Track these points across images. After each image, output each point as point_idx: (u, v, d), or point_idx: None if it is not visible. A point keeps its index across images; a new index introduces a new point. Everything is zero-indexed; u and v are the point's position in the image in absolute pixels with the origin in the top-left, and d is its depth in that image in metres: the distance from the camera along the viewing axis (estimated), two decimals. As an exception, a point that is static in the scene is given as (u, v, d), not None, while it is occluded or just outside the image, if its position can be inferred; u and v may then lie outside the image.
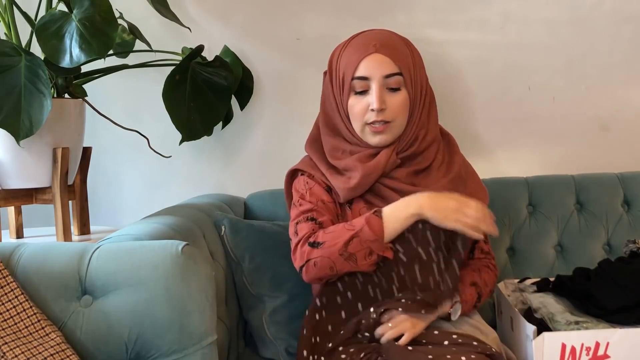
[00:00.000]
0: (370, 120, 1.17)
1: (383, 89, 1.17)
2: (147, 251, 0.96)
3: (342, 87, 1.20)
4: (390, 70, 1.16)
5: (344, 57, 1.21)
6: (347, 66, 1.19)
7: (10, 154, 1.27)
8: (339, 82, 1.21)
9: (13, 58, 1.19)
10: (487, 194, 1.26)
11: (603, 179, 1.63)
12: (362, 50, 1.18)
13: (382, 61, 1.17)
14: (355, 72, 1.17)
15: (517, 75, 1.70)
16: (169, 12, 1.49)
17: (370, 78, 1.17)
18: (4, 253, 0.97)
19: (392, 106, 1.17)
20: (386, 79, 1.16)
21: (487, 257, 1.30)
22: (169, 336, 0.93)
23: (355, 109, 1.19)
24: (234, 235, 1.37)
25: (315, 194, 1.22)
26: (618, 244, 1.56)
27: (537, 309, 1.27)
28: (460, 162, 1.26)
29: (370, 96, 1.16)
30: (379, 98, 1.15)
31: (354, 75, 1.17)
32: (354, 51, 1.19)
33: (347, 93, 1.19)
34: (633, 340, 1.13)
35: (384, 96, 1.16)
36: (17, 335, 0.87)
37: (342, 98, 1.21)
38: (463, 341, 1.08)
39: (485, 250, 1.30)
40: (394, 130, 1.19)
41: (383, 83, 1.17)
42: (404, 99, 1.18)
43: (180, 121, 1.46)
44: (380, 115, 1.16)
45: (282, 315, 1.35)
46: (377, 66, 1.16)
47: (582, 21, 1.69)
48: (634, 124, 1.73)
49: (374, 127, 1.17)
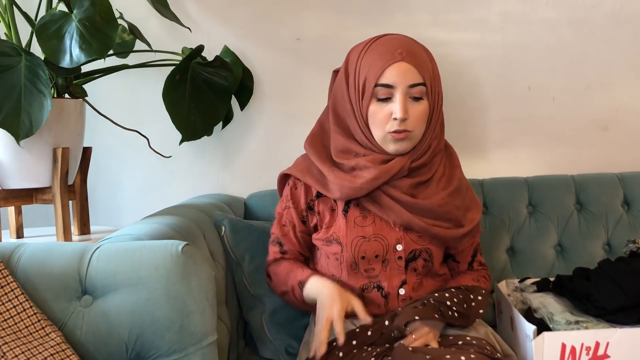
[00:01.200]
0: (392, 129, 1.15)
1: (407, 98, 1.14)
2: (147, 251, 0.96)
3: (362, 92, 1.17)
4: (415, 80, 1.14)
5: (365, 60, 1.17)
6: (370, 71, 1.16)
7: (10, 154, 1.27)
8: (358, 86, 1.18)
9: (13, 58, 1.19)
10: (480, 208, 1.28)
11: (603, 179, 1.63)
12: (387, 57, 1.14)
13: (408, 70, 1.14)
14: (379, 79, 1.14)
15: (517, 75, 1.70)
16: (169, 12, 1.49)
17: (395, 87, 1.14)
18: (4, 253, 0.97)
19: (414, 116, 1.15)
20: (410, 88, 1.14)
21: (483, 269, 1.32)
22: (169, 336, 0.93)
23: (377, 117, 1.16)
24: (234, 235, 1.37)
25: (290, 217, 1.27)
26: (618, 244, 1.56)
27: (537, 308, 1.27)
28: (460, 176, 1.26)
29: (395, 105, 1.14)
30: (403, 108, 1.13)
31: (378, 82, 1.14)
32: (379, 57, 1.16)
33: (369, 99, 1.16)
34: (633, 340, 1.13)
35: (407, 105, 1.14)
36: (17, 335, 0.87)
37: (361, 103, 1.18)
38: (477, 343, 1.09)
39: (482, 262, 1.33)
40: (413, 139, 1.18)
41: (407, 92, 1.14)
42: (425, 109, 1.17)
43: (180, 121, 1.45)
44: (403, 124, 1.14)
45: (282, 315, 1.35)
46: (403, 75, 1.14)
47: (582, 21, 1.69)
48: (634, 124, 1.73)
49: (396, 135, 1.16)
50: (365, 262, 1.18)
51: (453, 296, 1.16)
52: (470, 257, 1.30)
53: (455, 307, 1.14)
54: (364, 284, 1.20)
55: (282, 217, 1.28)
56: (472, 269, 1.30)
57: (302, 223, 1.27)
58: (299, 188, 1.26)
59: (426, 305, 1.12)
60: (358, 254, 1.18)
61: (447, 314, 1.12)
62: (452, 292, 1.18)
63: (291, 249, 1.28)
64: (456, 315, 1.13)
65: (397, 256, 1.19)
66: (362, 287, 1.20)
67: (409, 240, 1.19)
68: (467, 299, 1.18)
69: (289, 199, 1.28)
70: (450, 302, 1.14)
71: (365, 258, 1.18)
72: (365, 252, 1.18)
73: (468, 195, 1.26)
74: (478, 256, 1.31)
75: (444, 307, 1.13)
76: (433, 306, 1.12)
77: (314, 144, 1.27)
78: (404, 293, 1.19)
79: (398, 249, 1.18)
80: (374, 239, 1.18)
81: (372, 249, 1.18)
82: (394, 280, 1.19)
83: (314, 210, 1.25)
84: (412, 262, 1.19)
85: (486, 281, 1.29)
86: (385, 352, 1.08)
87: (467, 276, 1.27)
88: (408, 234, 1.19)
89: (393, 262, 1.19)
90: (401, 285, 1.19)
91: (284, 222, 1.28)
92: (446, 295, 1.16)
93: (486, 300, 1.22)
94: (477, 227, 1.25)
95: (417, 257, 1.19)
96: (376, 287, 1.19)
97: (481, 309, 1.19)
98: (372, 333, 1.13)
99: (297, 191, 1.26)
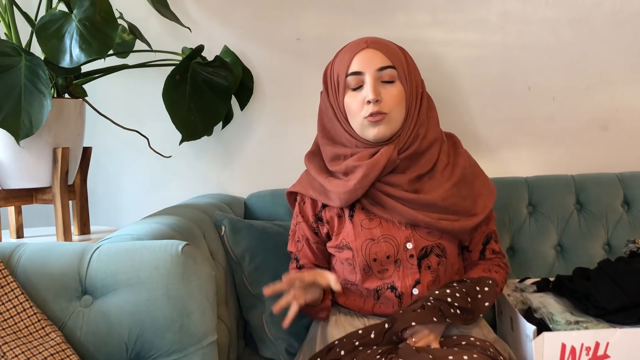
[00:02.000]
0: (367, 113, 1.17)
1: (377, 81, 1.17)
2: (147, 251, 0.96)
3: (337, 88, 1.21)
4: (382, 63, 1.18)
5: (336, 61, 1.23)
6: (341, 66, 1.20)
7: (10, 154, 1.27)
8: (334, 86, 1.22)
9: (13, 58, 1.19)
10: (494, 193, 1.26)
11: (603, 179, 1.63)
12: (353, 49, 1.20)
13: (375, 55, 1.18)
14: (348, 68, 1.19)
15: (517, 75, 1.70)
16: (169, 12, 1.49)
17: (364, 72, 1.18)
18: (4, 253, 0.97)
19: (387, 98, 1.17)
20: (379, 71, 1.17)
21: (497, 257, 1.30)
22: (169, 336, 0.93)
23: (352, 106, 1.19)
24: (234, 235, 1.37)
25: (302, 231, 1.29)
26: (618, 244, 1.56)
27: (537, 308, 1.27)
28: (464, 164, 1.25)
29: (365, 89, 1.17)
30: (374, 89, 1.16)
31: (348, 71, 1.19)
32: (346, 51, 1.22)
33: (343, 92, 1.20)
34: (633, 340, 1.13)
35: (378, 88, 1.17)
36: (17, 335, 0.87)
37: (337, 100, 1.21)
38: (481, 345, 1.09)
39: (497, 250, 1.30)
40: (392, 123, 1.18)
41: (377, 76, 1.17)
42: (399, 92, 1.18)
43: (180, 121, 1.45)
44: (377, 106, 1.16)
45: (282, 315, 1.35)
46: (370, 60, 1.18)
47: (582, 21, 1.69)
48: (634, 124, 1.73)
49: (371, 119, 1.17)
50: (377, 264, 1.18)
51: (455, 291, 1.15)
52: (481, 244, 1.28)
53: (457, 303, 1.13)
54: (378, 286, 1.19)
55: (295, 233, 1.32)
56: (485, 258, 1.28)
57: (314, 234, 1.28)
58: (306, 202, 1.29)
59: (425, 307, 1.11)
60: (369, 257, 1.18)
61: (449, 312, 1.12)
62: (454, 287, 1.16)
63: (306, 263, 1.30)
64: (458, 312, 1.12)
65: (409, 255, 1.18)
66: (376, 288, 1.19)
67: (418, 237, 1.19)
68: (471, 293, 1.16)
69: (298, 214, 1.31)
70: (452, 297, 1.13)
71: (377, 260, 1.18)
72: (375, 254, 1.18)
73: (477, 182, 1.25)
74: (492, 244, 1.29)
75: (444, 305, 1.12)
76: (432, 308, 1.11)
77: (312, 160, 1.30)
78: (417, 293, 1.18)
79: (409, 247, 1.18)
80: (382, 240, 1.18)
81: (382, 250, 1.18)
82: (408, 280, 1.18)
83: (322, 220, 1.27)
84: (425, 259, 1.19)
85: (500, 269, 1.26)
86: (390, 351, 1.08)
87: (477, 268, 1.25)
88: (416, 231, 1.19)
89: (405, 261, 1.18)
90: (415, 285, 1.18)
91: (298, 238, 1.31)
92: (447, 292, 1.15)
93: (494, 290, 1.20)
94: (490, 214, 1.25)
95: (429, 253, 1.18)
96: (389, 288, 1.19)
97: (487, 302, 1.18)
98: (375, 335, 1.13)
99: (304, 206, 1.29)
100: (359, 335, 1.13)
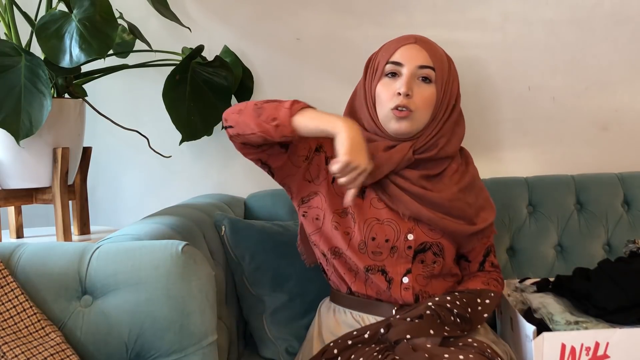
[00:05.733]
0: (395, 104, 1.17)
1: (413, 78, 1.18)
2: (147, 251, 0.96)
3: (374, 74, 1.22)
4: (424, 62, 1.18)
5: (382, 49, 1.24)
6: (384, 54, 1.21)
7: (10, 154, 1.27)
8: (373, 70, 1.23)
9: (13, 58, 1.19)
10: (494, 210, 1.27)
11: (603, 179, 1.63)
12: (401, 41, 1.21)
13: (419, 52, 1.19)
14: (391, 57, 1.19)
15: (517, 75, 1.70)
16: (169, 12, 1.49)
17: (404, 64, 1.18)
18: (4, 253, 0.97)
19: (417, 96, 1.17)
20: (419, 69, 1.18)
21: (495, 271, 1.31)
22: (169, 336, 0.93)
23: (382, 95, 1.19)
24: (234, 235, 1.37)
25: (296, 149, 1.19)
26: (618, 244, 1.56)
27: (537, 309, 1.27)
28: (474, 173, 1.27)
29: (399, 81, 1.18)
30: (407, 83, 1.16)
31: (389, 59, 1.19)
32: (393, 42, 1.23)
33: (378, 77, 1.20)
34: (633, 340, 1.13)
35: (412, 84, 1.17)
36: (17, 335, 0.87)
37: (371, 85, 1.22)
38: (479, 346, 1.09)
39: (495, 264, 1.32)
40: (415, 122, 1.18)
41: (415, 72, 1.18)
42: (431, 94, 1.18)
43: (180, 121, 1.46)
44: (405, 100, 1.16)
45: (282, 315, 1.35)
46: (413, 55, 1.18)
47: (582, 21, 1.69)
48: (634, 124, 1.73)
49: (397, 112, 1.17)
50: (374, 244, 1.18)
51: (456, 299, 1.15)
52: (482, 256, 1.29)
53: (456, 310, 1.13)
54: (368, 265, 1.18)
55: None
56: (484, 270, 1.30)
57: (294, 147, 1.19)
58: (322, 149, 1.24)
59: (423, 317, 1.10)
60: (369, 235, 1.18)
61: (448, 319, 1.11)
62: (455, 295, 1.17)
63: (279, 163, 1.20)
64: (458, 320, 1.12)
65: (407, 245, 1.18)
66: (366, 267, 1.18)
67: (420, 232, 1.19)
68: (472, 303, 1.16)
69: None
70: (452, 304, 1.13)
71: (375, 240, 1.18)
72: (376, 233, 1.17)
73: (482, 195, 1.26)
74: (491, 257, 1.30)
75: (444, 311, 1.12)
76: (429, 318, 1.10)
77: None
78: (407, 282, 1.18)
79: (409, 238, 1.18)
80: (386, 222, 1.18)
81: (384, 232, 1.18)
82: (399, 268, 1.18)
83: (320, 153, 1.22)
84: (421, 253, 1.19)
85: (497, 284, 1.27)
86: (387, 349, 1.08)
87: (477, 279, 1.26)
88: (419, 225, 1.19)
89: (402, 250, 1.18)
90: (405, 274, 1.18)
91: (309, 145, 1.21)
92: (448, 299, 1.15)
93: (494, 303, 1.20)
94: (490, 228, 1.25)
95: (427, 249, 1.19)
96: (380, 271, 1.19)
97: (486, 313, 1.18)
98: (369, 337, 1.12)
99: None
100: (353, 335, 1.13)
